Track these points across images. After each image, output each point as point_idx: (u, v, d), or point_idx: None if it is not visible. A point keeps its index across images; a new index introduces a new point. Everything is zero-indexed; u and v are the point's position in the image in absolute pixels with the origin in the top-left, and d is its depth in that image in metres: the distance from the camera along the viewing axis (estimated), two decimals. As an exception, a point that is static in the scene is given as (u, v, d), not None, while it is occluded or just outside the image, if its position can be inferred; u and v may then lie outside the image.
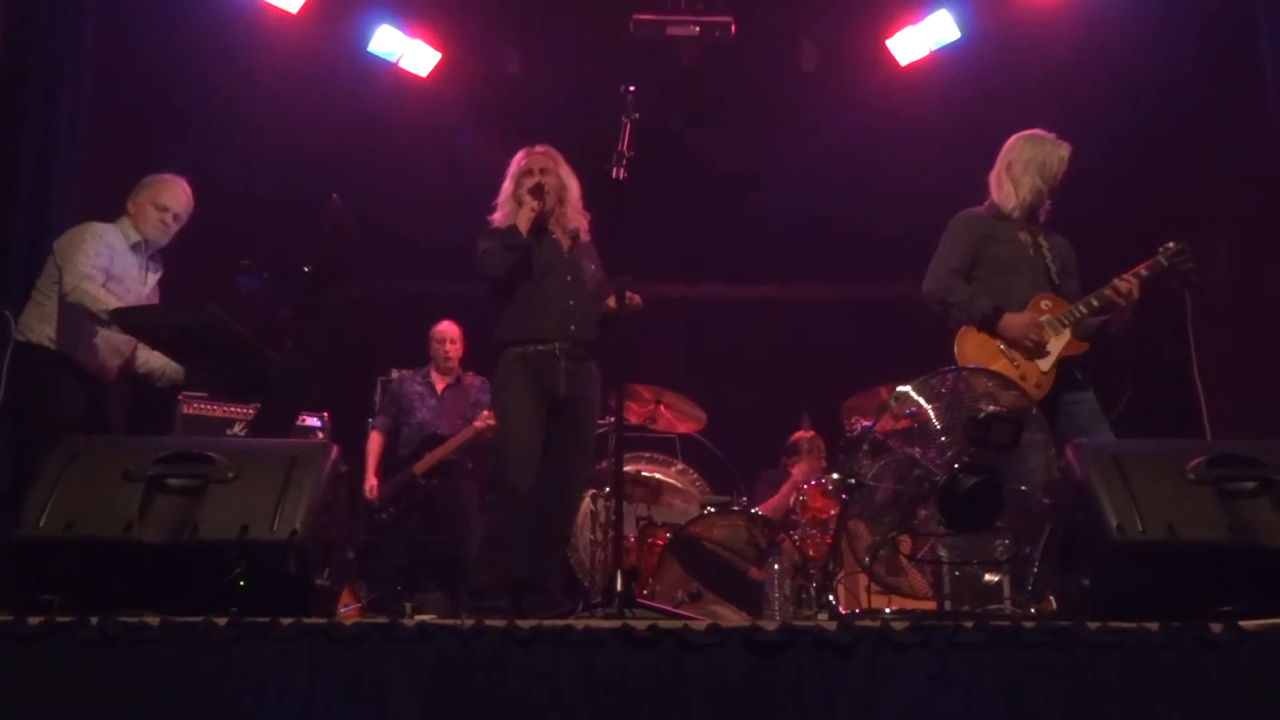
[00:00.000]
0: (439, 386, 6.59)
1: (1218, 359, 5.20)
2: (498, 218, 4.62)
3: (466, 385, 6.62)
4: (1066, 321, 4.32)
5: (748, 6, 6.64)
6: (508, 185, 4.65)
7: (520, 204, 4.52)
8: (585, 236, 4.71)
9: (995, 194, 4.56)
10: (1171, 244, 4.34)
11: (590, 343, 4.57)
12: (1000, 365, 4.25)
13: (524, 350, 4.46)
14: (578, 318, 4.54)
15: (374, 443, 6.56)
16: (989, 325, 4.34)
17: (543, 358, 4.45)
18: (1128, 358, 4.87)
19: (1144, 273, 4.31)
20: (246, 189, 6.71)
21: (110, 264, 4.47)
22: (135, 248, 4.63)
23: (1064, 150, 4.49)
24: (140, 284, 4.66)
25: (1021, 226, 4.49)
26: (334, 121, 6.78)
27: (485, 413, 6.26)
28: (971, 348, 4.41)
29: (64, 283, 4.33)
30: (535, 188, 4.52)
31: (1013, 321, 4.31)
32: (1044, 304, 4.36)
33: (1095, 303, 4.32)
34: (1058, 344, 4.31)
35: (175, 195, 4.69)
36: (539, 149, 4.73)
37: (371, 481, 6.43)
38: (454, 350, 6.57)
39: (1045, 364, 4.31)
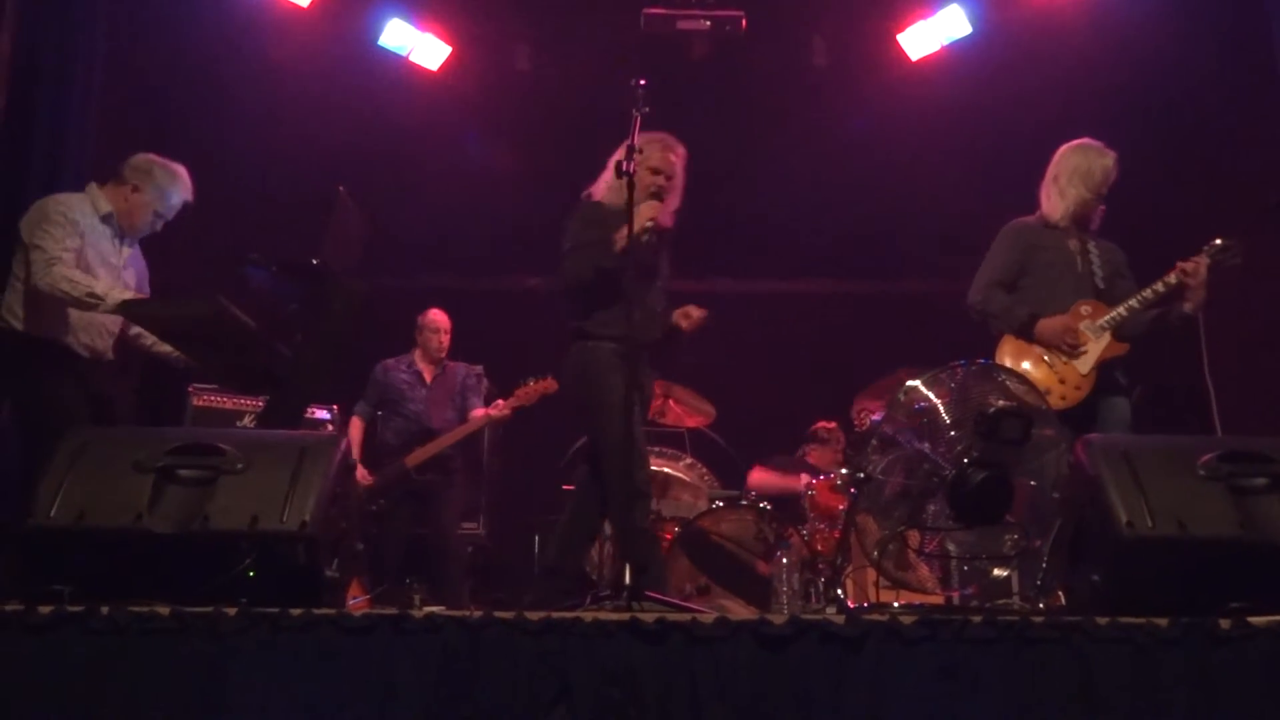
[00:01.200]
0: (427, 376, 6.47)
1: (1229, 356, 5.19)
2: (599, 191, 4.43)
3: (452, 372, 6.51)
4: (1106, 326, 4.42)
5: (758, 0, 6.62)
6: (625, 163, 4.18)
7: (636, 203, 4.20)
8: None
9: (1044, 204, 4.66)
10: (1219, 240, 4.41)
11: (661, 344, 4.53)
12: (1040, 370, 4.38)
13: (618, 348, 4.34)
14: (660, 324, 4.50)
15: (355, 429, 6.39)
16: (1026, 331, 4.46)
17: (636, 356, 4.29)
18: (1139, 354, 4.87)
19: (1204, 258, 4.40)
20: (255, 181, 6.71)
21: (81, 242, 4.24)
22: (106, 219, 4.39)
23: (1108, 159, 4.59)
24: (115, 255, 4.42)
25: (1071, 234, 4.59)
26: (343, 114, 6.77)
27: (500, 401, 6.20)
28: (1010, 354, 4.53)
29: (33, 271, 4.13)
30: (644, 229, 4.21)
31: (1047, 325, 4.43)
32: (1084, 309, 4.46)
33: (1139, 302, 4.42)
34: (1096, 347, 4.41)
35: (177, 203, 4.49)
36: (676, 146, 4.50)
37: (361, 470, 6.20)
38: (446, 340, 6.48)
39: (1084, 366, 4.41)
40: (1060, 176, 4.62)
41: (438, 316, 6.52)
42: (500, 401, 6.23)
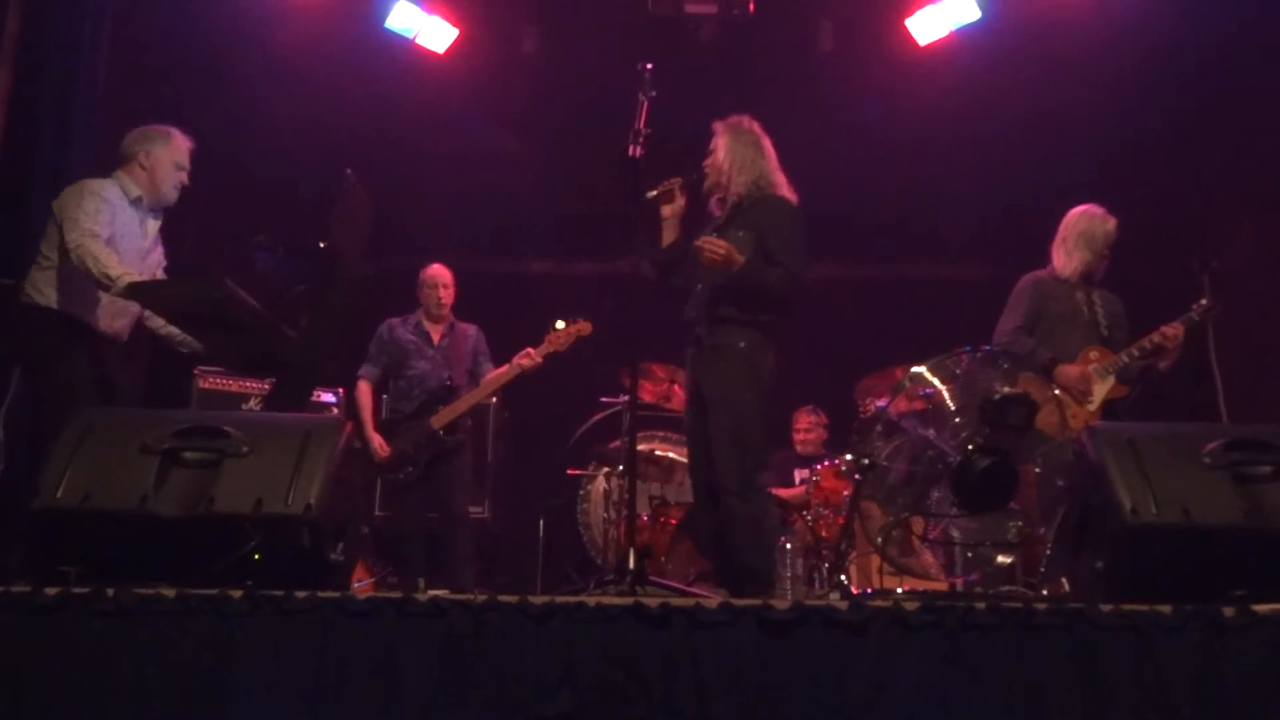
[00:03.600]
0: (434, 336, 6.03)
1: (1236, 343, 5.19)
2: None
3: (462, 333, 6.10)
4: (1111, 369, 4.93)
5: (766, -16, 6.59)
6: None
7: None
8: (774, 190, 4.47)
9: (1056, 261, 5.16)
10: (1204, 301, 4.91)
11: (721, 319, 4.28)
12: (1054, 408, 4.75)
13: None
14: (700, 302, 4.35)
15: (366, 394, 5.96)
16: (1045, 374, 4.91)
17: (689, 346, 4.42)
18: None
19: (1184, 322, 4.90)
20: (262, 164, 6.71)
21: (112, 222, 4.31)
22: (135, 202, 4.44)
23: (1110, 224, 5.07)
24: (142, 239, 4.48)
25: (1078, 287, 5.11)
26: (350, 97, 6.75)
27: (530, 349, 5.87)
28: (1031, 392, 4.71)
29: (66, 240, 4.17)
30: (658, 195, 4.33)
31: (1065, 372, 4.91)
32: (1092, 355, 4.95)
33: (1138, 351, 4.90)
34: (1102, 389, 4.91)
35: (186, 150, 4.53)
36: (715, 125, 4.54)
37: (378, 439, 5.82)
38: (446, 296, 6.05)
39: (1092, 405, 4.89)
40: (1068, 239, 5.12)
41: (437, 271, 6.12)
42: (530, 350, 5.88)
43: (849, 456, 4.37)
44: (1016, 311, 5.09)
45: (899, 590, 4.46)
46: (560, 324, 5.90)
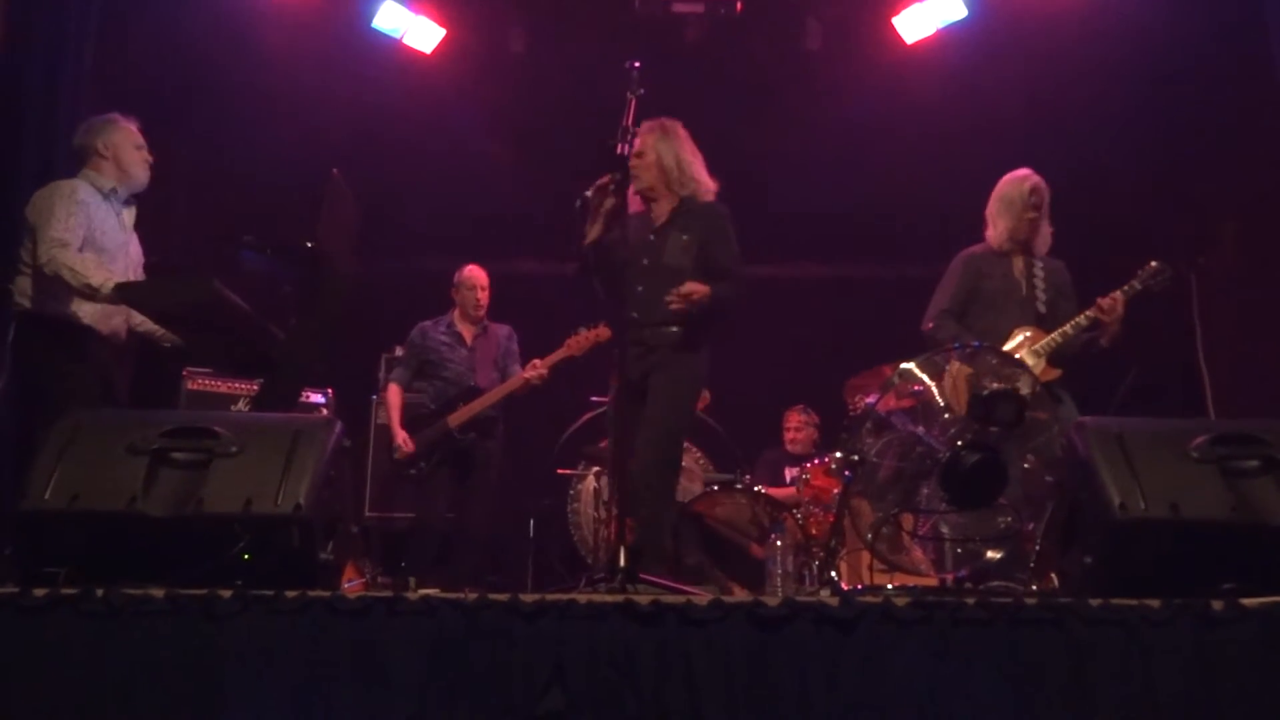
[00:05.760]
0: (467, 337, 6.13)
1: (1223, 339, 5.21)
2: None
3: (494, 333, 6.20)
4: (1042, 352, 4.71)
5: (753, -17, 6.60)
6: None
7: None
8: (708, 193, 4.56)
9: (988, 233, 5.00)
10: (1153, 264, 4.73)
11: (667, 321, 4.35)
12: None
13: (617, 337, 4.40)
14: (643, 303, 4.36)
15: (395, 395, 6.09)
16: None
17: (622, 344, 4.30)
18: (1132, 338, 4.91)
19: (1125, 292, 4.69)
20: (249, 164, 6.69)
21: (88, 223, 4.27)
22: (109, 195, 4.43)
23: (1027, 185, 4.87)
24: (120, 230, 4.46)
25: (1016, 258, 4.91)
26: (336, 97, 6.75)
27: (536, 361, 5.90)
28: (958, 377, 4.63)
29: (38, 254, 4.16)
30: (596, 192, 4.21)
31: None
32: (1023, 335, 4.75)
33: (1074, 327, 4.68)
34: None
35: (136, 129, 4.54)
36: (643, 125, 4.39)
37: (402, 434, 5.93)
38: (484, 298, 6.14)
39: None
40: (991, 207, 4.96)
41: (475, 273, 6.17)
42: (536, 361, 5.90)
43: (838, 454, 4.38)
44: (945, 293, 4.96)
45: (889, 586, 4.47)
46: (581, 329, 5.90)
